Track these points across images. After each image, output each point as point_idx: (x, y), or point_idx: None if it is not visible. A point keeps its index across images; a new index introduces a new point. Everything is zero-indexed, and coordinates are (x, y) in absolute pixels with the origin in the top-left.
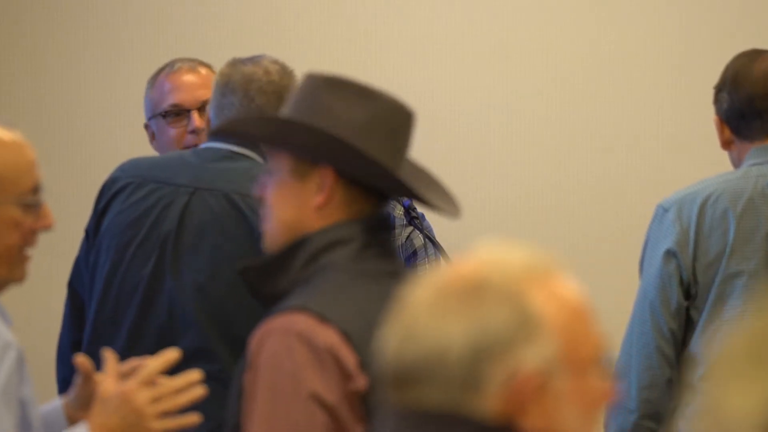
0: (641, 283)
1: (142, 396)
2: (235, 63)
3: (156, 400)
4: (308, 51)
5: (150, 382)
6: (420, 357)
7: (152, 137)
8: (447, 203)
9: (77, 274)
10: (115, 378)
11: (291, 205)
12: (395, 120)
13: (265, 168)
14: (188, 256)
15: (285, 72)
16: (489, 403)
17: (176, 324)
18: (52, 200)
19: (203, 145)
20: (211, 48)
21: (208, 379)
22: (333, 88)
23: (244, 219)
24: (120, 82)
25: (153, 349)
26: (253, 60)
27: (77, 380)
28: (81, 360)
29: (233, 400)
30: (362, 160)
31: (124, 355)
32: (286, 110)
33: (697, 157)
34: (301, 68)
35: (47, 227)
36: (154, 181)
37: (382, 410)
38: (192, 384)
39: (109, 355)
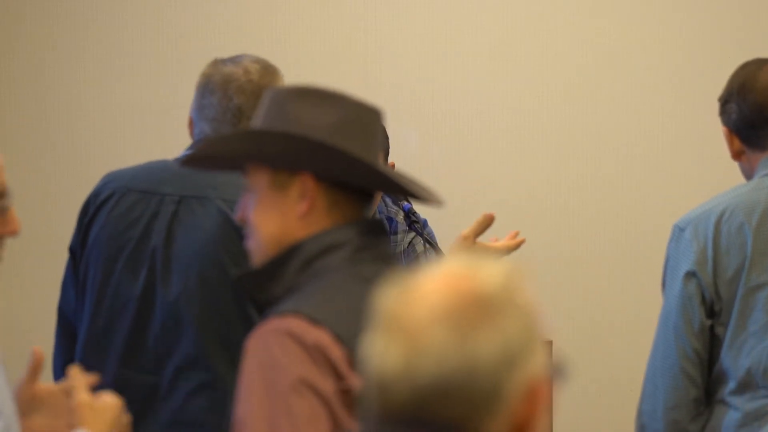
0: (664, 304)
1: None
2: (216, 63)
3: None
4: (308, 51)
5: None
6: (446, 373)
7: None
8: (428, 195)
9: (64, 296)
10: (87, 389)
11: (275, 217)
12: (364, 119)
13: (244, 187)
14: (178, 265)
15: (266, 71)
16: (506, 414)
17: (170, 334)
18: (53, 200)
19: (186, 152)
20: (211, 48)
21: (204, 388)
22: (298, 97)
23: (231, 224)
24: (120, 83)
25: (149, 361)
26: (234, 60)
27: (25, 379)
28: (37, 350)
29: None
30: (340, 158)
31: (120, 367)
32: (254, 125)
33: (698, 157)
34: (301, 68)
35: (13, 233)
36: (138, 191)
37: (369, 419)
38: None
39: (74, 369)
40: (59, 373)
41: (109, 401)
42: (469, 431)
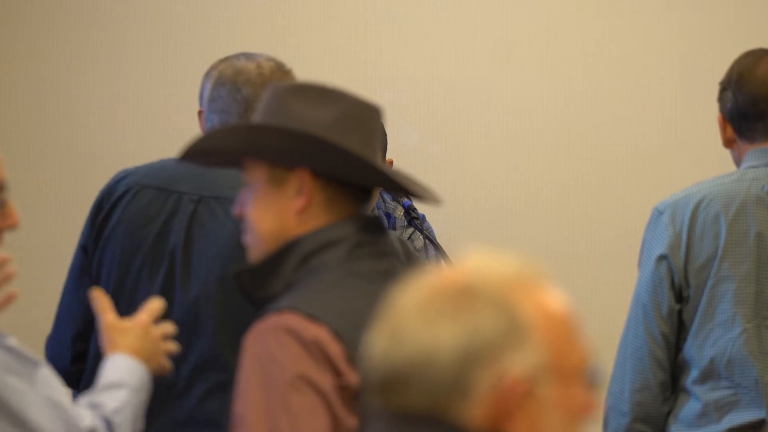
0: (636, 286)
1: (157, 330)
2: (230, 58)
3: (162, 336)
4: (308, 50)
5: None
6: (408, 360)
7: None
8: (426, 193)
9: (76, 293)
10: (112, 311)
11: (271, 213)
12: (364, 116)
13: (242, 182)
14: (198, 266)
15: (279, 69)
16: (475, 408)
17: (188, 334)
18: (52, 201)
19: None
20: (211, 48)
21: (220, 389)
22: (297, 94)
23: None
24: (120, 82)
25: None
26: (249, 56)
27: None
28: (98, 294)
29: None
30: (337, 154)
31: None
32: (253, 120)
33: (698, 157)
34: (301, 67)
35: (12, 227)
36: (153, 188)
37: (368, 411)
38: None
39: (98, 293)
40: (61, 365)
41: (131, 322)
42: (438, 418)
